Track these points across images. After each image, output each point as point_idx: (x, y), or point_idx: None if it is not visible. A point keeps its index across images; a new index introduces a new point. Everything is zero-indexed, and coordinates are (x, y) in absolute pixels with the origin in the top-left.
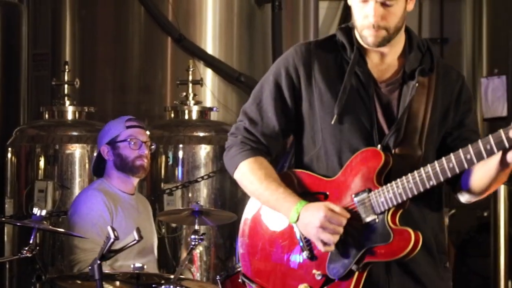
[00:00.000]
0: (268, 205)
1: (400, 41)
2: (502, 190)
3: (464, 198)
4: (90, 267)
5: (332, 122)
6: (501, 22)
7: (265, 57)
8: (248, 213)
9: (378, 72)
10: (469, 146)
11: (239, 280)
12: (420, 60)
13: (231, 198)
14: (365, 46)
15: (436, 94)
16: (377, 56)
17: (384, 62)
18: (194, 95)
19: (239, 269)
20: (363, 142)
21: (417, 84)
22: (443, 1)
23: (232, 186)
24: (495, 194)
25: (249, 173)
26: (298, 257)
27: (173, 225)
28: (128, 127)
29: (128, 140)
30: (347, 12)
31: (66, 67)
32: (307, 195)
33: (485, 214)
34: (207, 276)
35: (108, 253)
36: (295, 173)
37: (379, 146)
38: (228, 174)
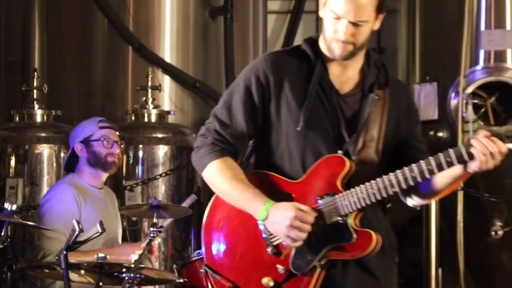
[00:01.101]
0: (236, 204)
1: (360, 57)
2: None
3: (413, 202)
4: (56, 257)
5: (298, 128)
6: (432, 33)
7: (218, 65)
8: (212, 209)
9: (339, 83)
10: (430, 158)
11: (201, 270)
12: (376, 75)
13: (187, 194)
14: (329, 57)
15: (390, 106)
16: (339, 68)
17: (345, 74)
18: (153, 99)
19: (194, 259)
20: (326, 147)
21: (376, 97)
22: None
23: (188, 183)
24: None
25: (218, 173)
26: (262, 252)
27: (134, 218)
28: (101, 127)
29: (102, 139)
30: (293, 24)
31: (35, 73)
32: (274, 195)
33: (418, 208)
34: (165, 265)
35: (73, 245)
36: (261, 174)
37: (340, 152)
38: (184, 172)
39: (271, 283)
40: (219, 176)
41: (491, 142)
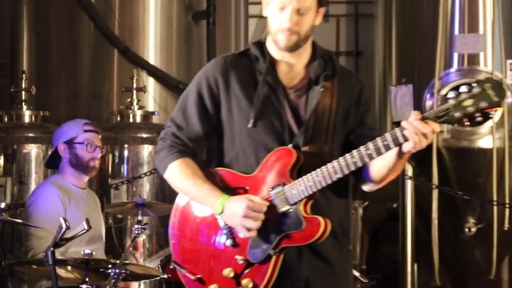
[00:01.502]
0: (196, 200)
1: (306, 52)
2: (409, 185)
3: (366, 187)
4: (44, 254)
5: (249, 126)
6: (408, 37)
7: (201, 67)
8: (176, 207)
9: (287, 80)
10: (369, 143)
11: (171, 267)
12: (323, 67)
13: (170, 192)
14: (276, 56)
15: (338, 97)
16: (286, 65)
17: (292, 70)
18: (138, 100)
19: None
20: (277, 142)
21: (322, 89)
22: (358, 19)
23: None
24: (403, 188)
25: (178, 173)
26: (222, 245)
27: (119, 216)
28: (85, 130)
29: (86, 143)
30: None
31: (24, 75)
32: (229, 190)
33: (395, 205)
34: (150, 261)
35: (60, 241)
36: (218, 171)
37: (290, 145)
38: None
39: (232, 274)
40: (179, 176)
41: (423, 123)
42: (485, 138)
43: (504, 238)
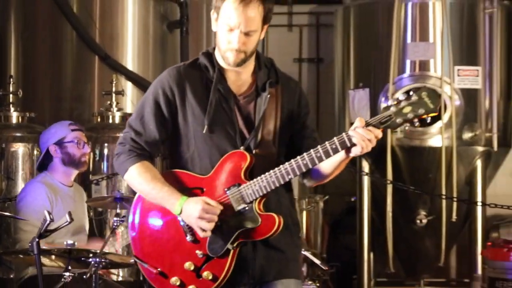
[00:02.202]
0: (155, 201)
1: (252, 61)
2: (366, 181)
3: (309, 183)
4: (30, 244)
5: (204, 131)
6: (365, 45)
7: None
8: (136, 206)
9: (236, 88)
10: (319, 147)
11: (131, 261)
12: (268, 74)
13: None
14: (224, 66)
15: (282, 101)
16: (234, 74)
17: (240, 78)
18: (117, 103)
19: None
20: (230, 145)
21: (268, 95)
22: (319, 29)
23: None
24: (360, 183)
25: (137, 176)
26: (183, 241)
27: (99, 209)
28: (72, 130)
29: (75, 141)
30: None
31: (11, 80)
32: (187, 190)
33: (352, 199)
34: (127, 251)
35: (45, 233)
36: (175, 173)
37: (242, 148)
38: None
39: (192, 267)
40: (139, 178)
41: (367, 130)
42: (435, 138)
43: (452, 229)
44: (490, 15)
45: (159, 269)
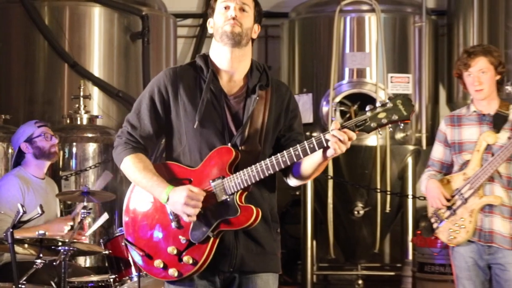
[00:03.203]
0: (146, 190)
1: (245, 64)
2: None
3: (292, 182)
4: (4, 234)
5: (194, 127)
6: (308, 55)
7: (137, 79)
8: (131, 194)
9: (228, 88)
10: (297, 145)
11: (122, 244)
12: (259, 78)
13: (111, 182)
14: (218, 67)
15: (271, 104)
16: (227, 75)
17: (232, 79)
18: (84, 106)
19: (117, 235)
20: (218, 141)
21: (257, 97)
22: (267, 40)
23: (112, 174)
24: None
25: (131, 166)
26: (168, 227)
27: (68, 202)
28: (38, 126)
29: (43, 135)
30: (198, 46)
31: None
32: (176, 180)
33: (297, 193)
34: (93, 240)
35: (18, 224)
36: (167, 164)
37: (229, 144)
38: (110, 164)
39: (175, 251)
40: (132, 168)
41: (341, 132)
42: (371, 138)
43: (386, 219)
44: (419, 28)
45: (145, 252)
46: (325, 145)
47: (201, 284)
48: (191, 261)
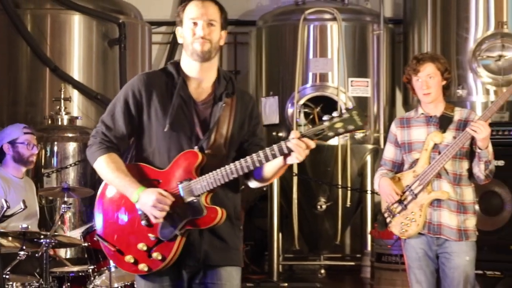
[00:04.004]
0: (118, 189)
1: (212, 72)
2: None
3: (253, 184)
4: None
5: (165, 130)
6: (274, 60)
7: (114, 82)
8: (102, 191)
9: (196, 94)
10: (260, 151)
11: (94, 238)
12: (225, 86)
13: (90, 179)
14: (188, 74)
15: (236, 111)
16: (196, 82)
17: (201, 87)
18: (65, 108)
19: (95, 228)
20: (186, 144)
21: (224, 104)
22: (236, 46)
23: (92, 171)
24: None
25: (105, 165)
26: (138, 225)
27: (50, 197)
28: (25, 133)
29: (26, 143)
30: (171, 52)
31: None
32: (146, 181)
33: (264, 189)
34: (74, 233)
35: (2, 218)
36: (138, 165)
37: (196, 147)
38: (89, 163)
39: (144, 248)
40: (106, 168)
41: (301, 141)
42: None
43: (346, 213)
44: (377, 36)
45: (117, 247)
46: (286, 152)
47: (169, 277)
48: (160, 257)
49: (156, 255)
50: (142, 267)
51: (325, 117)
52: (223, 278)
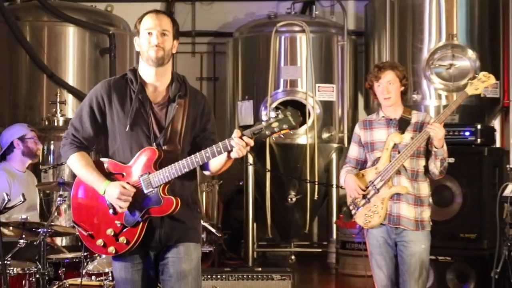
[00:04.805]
0: (88, 183)
1: (167, 76)
2: (250, 169)
3: (206, 173)
4: None
5: (126, 130)
6: (249, 68)
7: None
8: (76, 185)
9: (153, 97)
10: (208, 148)
11: (71, 225)
12: (179, 88)
13: None
14: (145, 80)
15: (189, 110)
16: (152, 87)
17: (157, 90)
18: (61, 110)
19: None
20: (145, 142)
21: (177, 106)
22: (215, 55)
23: None
24: (246, 171)
25: (76, 162)
26: (107, 213)
27: (47, 191)
28: (31, 130)
29: (34, 138)
30: None
31: None
32: (112, 175)
33: (241, 183)
34: (69, 223)
35: (4, 209)
36: (105, 161)
37: (154, 144)
38: None
39: (112, 233)
40: (77, 164)
41: (241, 139)
42: (302, 137)
43: (314, 205)
44: (341, 46)
45: (89, 232)
46: (229, 148)
47: (139, 255)
48: (125, 241)
49: (122, 239)
50: (111, 249)
51: (264, 118)
52: (182, 252)
